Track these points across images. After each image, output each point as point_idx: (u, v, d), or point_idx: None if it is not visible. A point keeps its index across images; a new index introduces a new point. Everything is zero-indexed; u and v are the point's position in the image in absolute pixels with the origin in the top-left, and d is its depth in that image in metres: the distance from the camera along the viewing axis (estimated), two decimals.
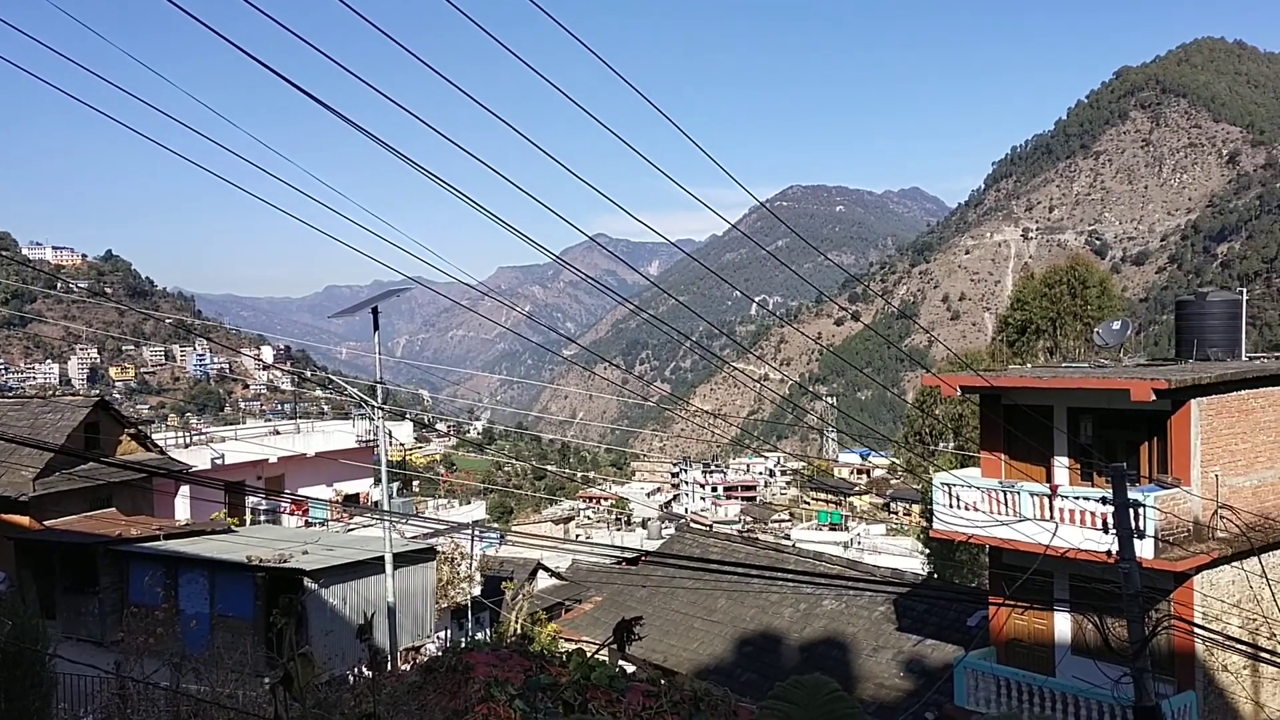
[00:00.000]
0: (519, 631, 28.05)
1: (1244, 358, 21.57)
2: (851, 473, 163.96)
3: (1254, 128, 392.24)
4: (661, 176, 10.59)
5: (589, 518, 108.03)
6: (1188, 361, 21.30)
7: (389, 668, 18.02)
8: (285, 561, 23.56)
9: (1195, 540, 17.36)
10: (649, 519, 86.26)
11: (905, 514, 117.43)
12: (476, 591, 35.66)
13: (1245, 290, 25.81)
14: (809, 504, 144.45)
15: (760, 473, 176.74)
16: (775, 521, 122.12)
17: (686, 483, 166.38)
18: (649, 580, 29.65)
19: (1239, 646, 17.55)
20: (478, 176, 9.94)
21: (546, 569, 44.14)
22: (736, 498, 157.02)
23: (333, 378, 47.80)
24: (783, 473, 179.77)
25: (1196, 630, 16.93)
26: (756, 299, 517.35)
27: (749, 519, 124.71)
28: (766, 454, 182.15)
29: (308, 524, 39.41)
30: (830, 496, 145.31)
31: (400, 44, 8.32)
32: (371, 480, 44.51)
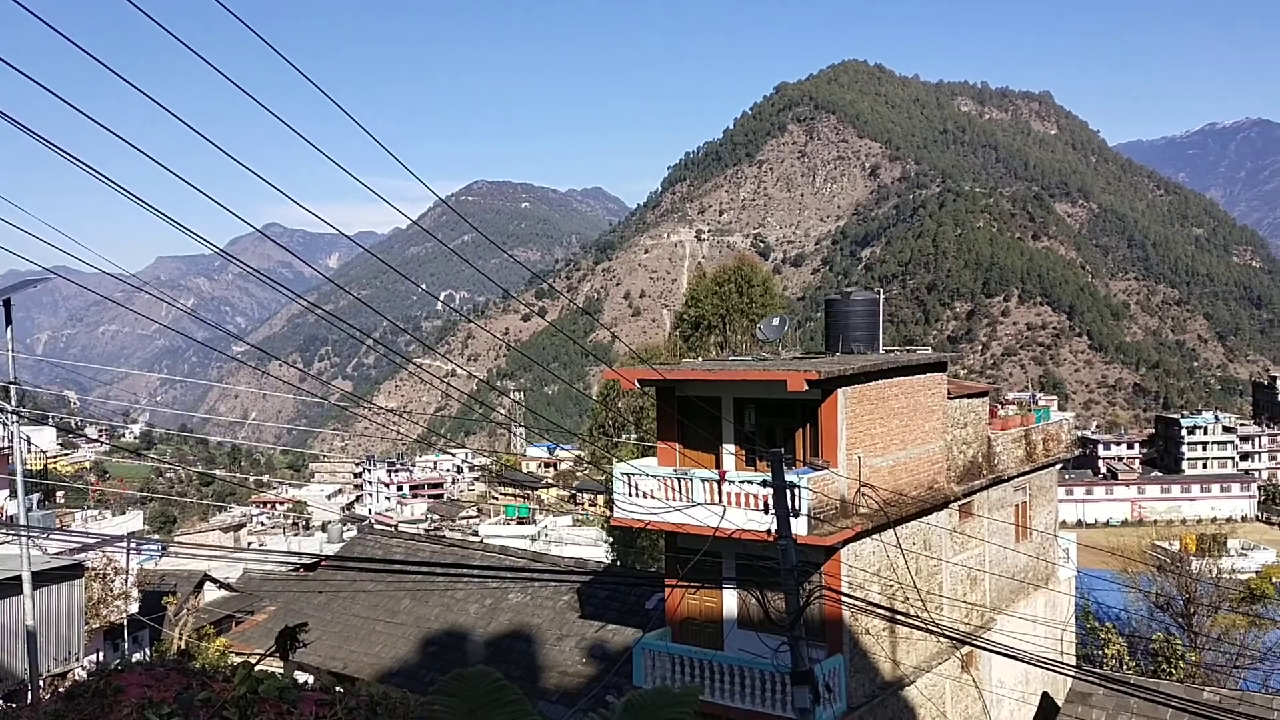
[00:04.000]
0: (182, 648, 26.12)
1: (882, 351, 24.00)
2: (539, 466, 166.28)
3: (891, 144, 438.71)
4: (346, 166, 10.21)
5: (263, 524, 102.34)
6: (835, 354, 23.38)
7: (29, 697, 16.16)
8: None
9: (842, 516, 19.09)
10: (329, 522, 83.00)
11: (591, 504, 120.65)
12: (133, 609, 32.85)
13: (883, 290, 28.80)
14: (497, 499, 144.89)
15: (448, 470, 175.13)
16: (463, 518, 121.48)
17: (370, 483, 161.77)
18: (328, 585, 28.52)
19: (879, 611, 19.53)
20: (135, 161, 9.13)
21: (214, 580, 41.59)
22: (423, 496, 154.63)
23: None
24: (470, 469, 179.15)
25: (844, 599, 18.65)
26: (442, 295, 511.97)
27: (436, 517, 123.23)
28: (454, 451, 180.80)
29: None
30: (518, 491, 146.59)
31: (51, 26, 7.48)
32: (6, 492, 39.67)
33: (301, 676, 23.31)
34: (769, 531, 15.14)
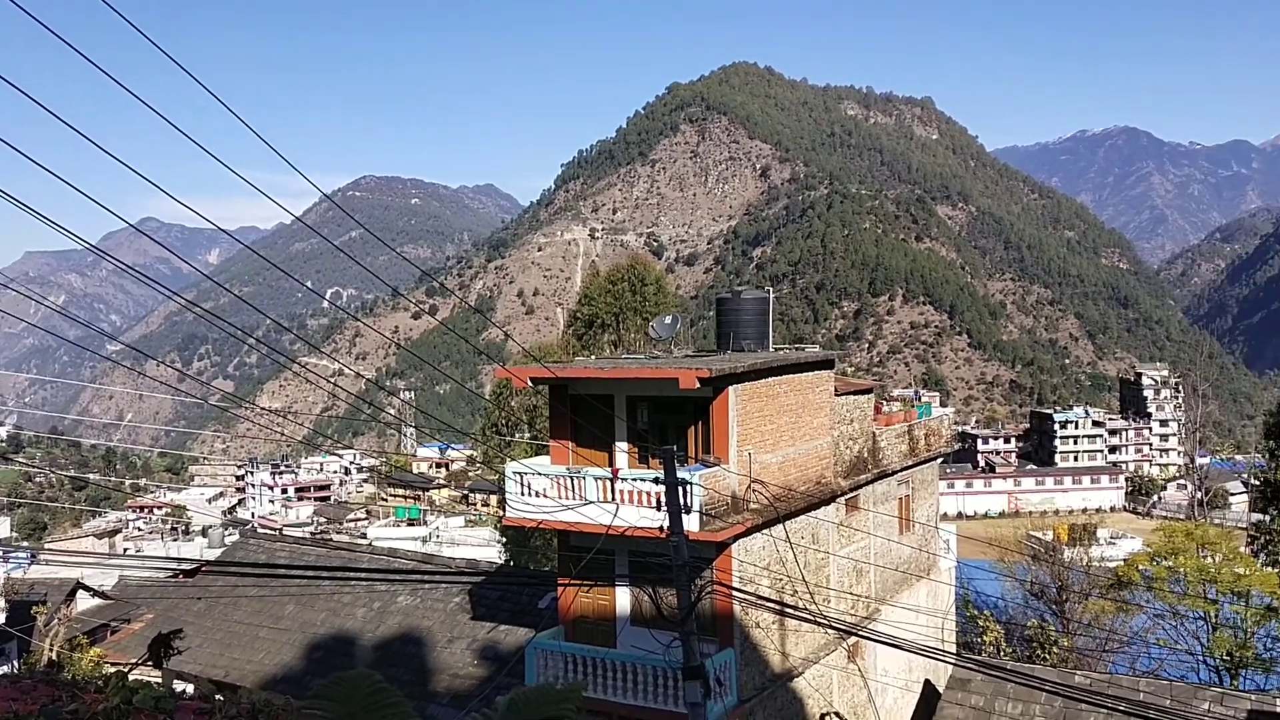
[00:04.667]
0: (53, 660, 24.96)
1: (772, 349, 24.38)
2: (430, 467, 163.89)
3: (781, 146, 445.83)
4: (227, 159, 9.88)
5: (140, 529, 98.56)
6: (727, 353, 23.66)
7: None
8: None
9: (733, 512, 19.34)
10: (210, 526, 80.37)
11: (484, 505, 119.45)
12: (0, 619, 31.31)
13: (773, 289, 29.25)
14: (387, 501, 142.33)
15: (335, 471, 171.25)
16: (351, 521, 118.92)
17: (253, 485, 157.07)
18: (209, 591, 27.61)
19: (769, 605, 19.85)
20: None
21: (88, 588, 39.84)
22: (309, 498, 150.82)
23: None
24: (359, 470, 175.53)
25: (735, 593, 18.90)
26: (328, 292, 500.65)
27: (323, 520, 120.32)
28: (340, 452, 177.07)
29: None
30: (409, 492, 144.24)
31: None
32: None
33: (180, 686, 22.52)
34: (661, 528, 15.23)
